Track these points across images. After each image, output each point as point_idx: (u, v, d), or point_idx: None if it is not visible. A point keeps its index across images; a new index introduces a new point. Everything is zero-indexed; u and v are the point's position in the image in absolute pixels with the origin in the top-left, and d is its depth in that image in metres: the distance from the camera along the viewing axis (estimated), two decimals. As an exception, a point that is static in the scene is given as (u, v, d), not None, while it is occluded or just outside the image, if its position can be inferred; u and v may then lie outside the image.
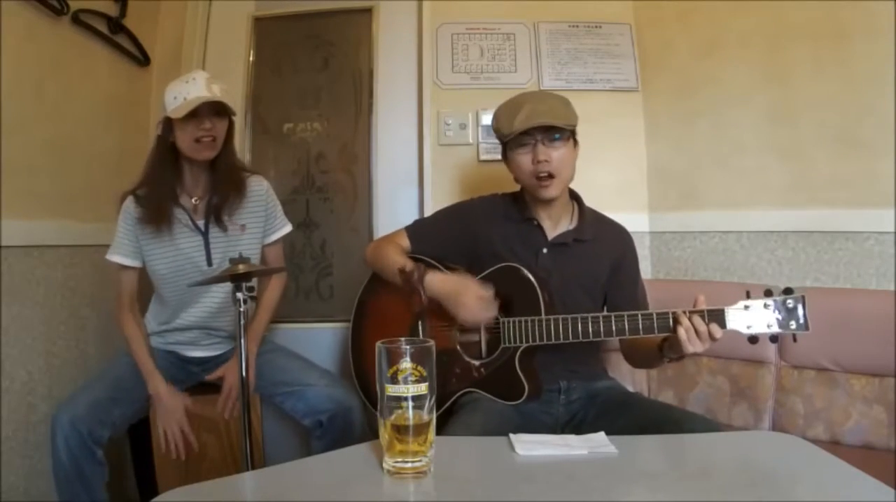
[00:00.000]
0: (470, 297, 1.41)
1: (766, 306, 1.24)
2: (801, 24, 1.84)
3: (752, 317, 1.24)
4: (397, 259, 1.52)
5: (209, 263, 1.67)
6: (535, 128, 1.42)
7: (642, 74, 2.23)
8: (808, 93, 1.84)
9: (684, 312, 1.26)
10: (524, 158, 1.46)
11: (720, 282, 1.99)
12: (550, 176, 1.43)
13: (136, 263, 1.67)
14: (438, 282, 1.43)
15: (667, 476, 0.97)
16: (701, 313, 1.25)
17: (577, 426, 1.43)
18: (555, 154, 1.43)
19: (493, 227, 1.54)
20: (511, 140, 1.47)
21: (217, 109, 1.57)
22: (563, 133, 1.45)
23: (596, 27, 2.26)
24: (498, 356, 1.44)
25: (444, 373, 1.44)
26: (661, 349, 1.34)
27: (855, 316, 1.61)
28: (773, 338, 1.26)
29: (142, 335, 1.68)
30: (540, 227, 1.52)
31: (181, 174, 1.66)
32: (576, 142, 1.51)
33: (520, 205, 1.55)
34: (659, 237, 2.17)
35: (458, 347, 1.49)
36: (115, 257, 1.65)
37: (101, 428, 1.49)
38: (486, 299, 1.41)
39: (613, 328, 1.34)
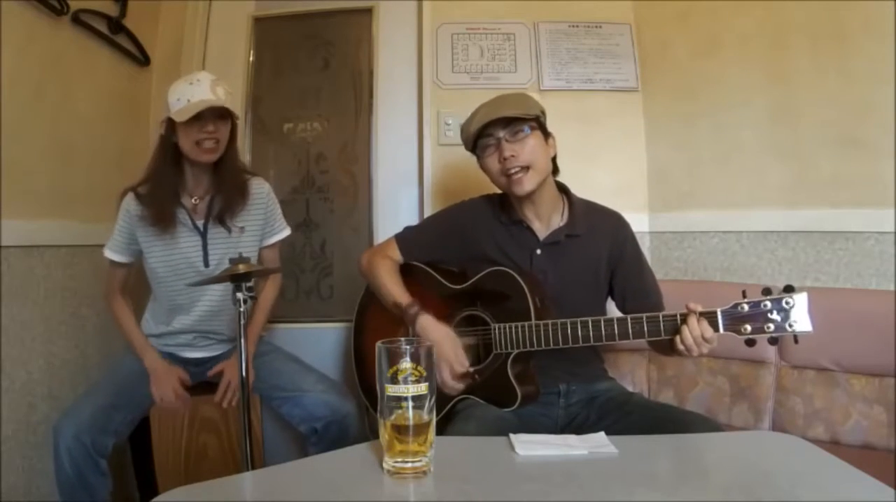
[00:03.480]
0: (447, 347, 1.39)
1: (763, 306, 1.18)
2: (801, 24, 1.84)
3: (748, 319, 1.19)
4: (394, 290, 1.50)
5: (206, 264, 1.67)
6: (495, 127, 1.41)
7: (642, 74, 2.22)
8: (808, 93, 1.84)
9: (676, 316, 1.23)
10: (491, 160, 1.44)
11: (720, 283, 1.99)
12: (522, 169, 1.40)
13: (127, 260, 1.69)
14: (429, 328, 1.41)
15: (667, 476, 0.97)
16: (694, 316, 1.22)
17: (576, 429, 1.42)
18: (522, 147, 1.40)
19: (484, 231, 1.52)
20: (477, 146, 1.46)
21: (220, 112, 1.57)
22: (526, 124, 1.41)
23: (596, 27, 2.26)
24: (491, 362, 1.43)
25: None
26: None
27: (855, 316, 1.61)
28: (773, 341, 1.20)
29: (131, 314, 1.72)
30: (530, 229, 1.49)
31: (183, 174, 1.66)
32: (547, 135, 1.47)
33: (507, 207, 1.52)
34: (659, 237, 2.17)
35: None
36: (106, 252, 1.67)
37: (104, 437, 1.49)
38: (461, 353, 1.40)
39: (603, 333, 1.31)
